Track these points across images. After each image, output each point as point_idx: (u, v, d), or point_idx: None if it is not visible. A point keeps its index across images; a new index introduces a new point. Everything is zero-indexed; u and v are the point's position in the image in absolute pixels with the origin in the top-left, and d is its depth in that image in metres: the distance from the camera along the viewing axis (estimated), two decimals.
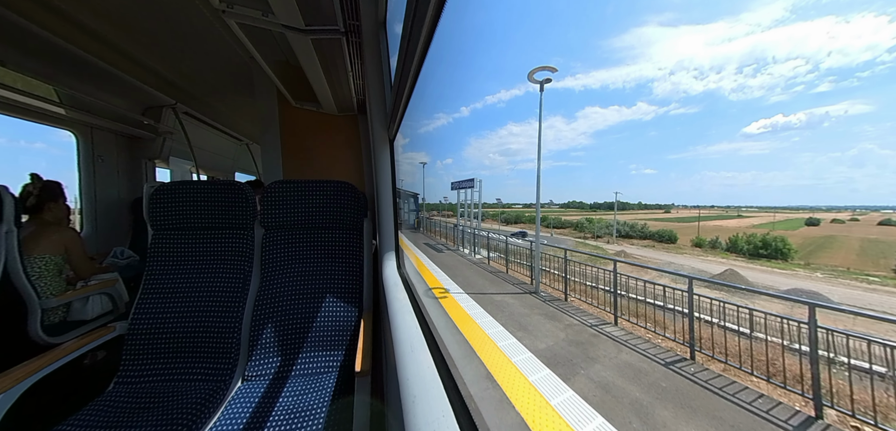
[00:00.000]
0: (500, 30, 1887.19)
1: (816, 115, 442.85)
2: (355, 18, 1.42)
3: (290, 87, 2.48)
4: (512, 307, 5.40)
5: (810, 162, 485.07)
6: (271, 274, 1.57)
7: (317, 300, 1.52)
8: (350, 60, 1.77)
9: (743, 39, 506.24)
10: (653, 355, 4.01)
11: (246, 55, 2.28)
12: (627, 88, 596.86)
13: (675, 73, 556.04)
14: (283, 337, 1.45)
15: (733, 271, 29.38)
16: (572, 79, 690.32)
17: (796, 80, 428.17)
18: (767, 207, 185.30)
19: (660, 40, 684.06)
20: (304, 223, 1.67)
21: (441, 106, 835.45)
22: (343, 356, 1.43)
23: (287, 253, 1.63)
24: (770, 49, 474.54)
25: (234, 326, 1.44)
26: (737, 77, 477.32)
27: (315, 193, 1.68)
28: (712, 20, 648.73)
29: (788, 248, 41.11)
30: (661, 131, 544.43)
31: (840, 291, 26.75)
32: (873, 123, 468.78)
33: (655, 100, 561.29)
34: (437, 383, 0.57)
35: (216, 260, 1.58)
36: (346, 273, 1.61)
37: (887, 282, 31.80)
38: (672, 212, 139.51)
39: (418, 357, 0.67)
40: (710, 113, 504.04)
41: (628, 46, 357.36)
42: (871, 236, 55.16)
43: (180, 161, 4.05)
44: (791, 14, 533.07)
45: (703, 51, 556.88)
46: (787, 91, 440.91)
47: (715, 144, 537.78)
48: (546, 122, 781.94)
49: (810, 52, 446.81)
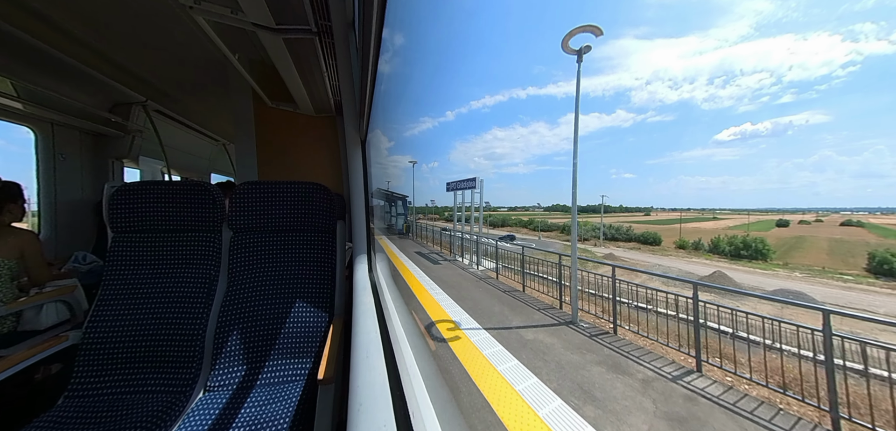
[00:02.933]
0: (486, 37, 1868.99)
1: (781, 123, 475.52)
2: (327, 19, 1.40)
3: (266, 86, 2.43)
4: (553, 353, 3.83)
5: (777, 167, 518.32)
6: (239, 278, 1.52)
7: (285, 305, 1.48)
8: (324, 61, 1.75)
9: (712, 53, 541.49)
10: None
11: (219, 53, 2.22)
12: (607, 95, 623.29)
13: (651, 82, 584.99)
14: (249, 345, 1.41)
15: (721, 272, 30.19)
16: (555, 86, 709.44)
17: (762, 91, 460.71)
18: (739, 209, 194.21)
19: (636, 52, 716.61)
20: (275, 226, 1.63)
21: (426, 109, 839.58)
22: (311, 364, 1.39)
23: (256, 256, 1.58)
24: (737, 62, 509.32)
25: (197, 333, 1.39)
26: (708, 88, 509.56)
27: (286, 194, 1.64)
28: (684, 34, 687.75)
29: (767, 249, 42.89)
30: (640, 137, 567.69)
31: (820, 290, 27.67)
32: (831, 132, 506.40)
33: (633, 108, 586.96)
34: (385, 392, 0.56)
35: (180, 264, 1.52)
36: (317, 277, 1.57)
37: (860, 280, 33.55)
38: (652, 215, 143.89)
39: (372, 364, 0.66)
40: (684, 121, 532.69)
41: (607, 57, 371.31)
42: (836, 237, 58.12)
43: (151, 161, 3.89)
44: (755, 31, 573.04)
45: (677, 63, 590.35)
46: (753, 102, 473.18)
47: (689, 149, 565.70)
48: (528, 127, 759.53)
49: (774, 65, 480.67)
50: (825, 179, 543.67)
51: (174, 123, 3.74)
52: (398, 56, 1.58)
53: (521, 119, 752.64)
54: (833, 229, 71.28)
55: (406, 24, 5.68)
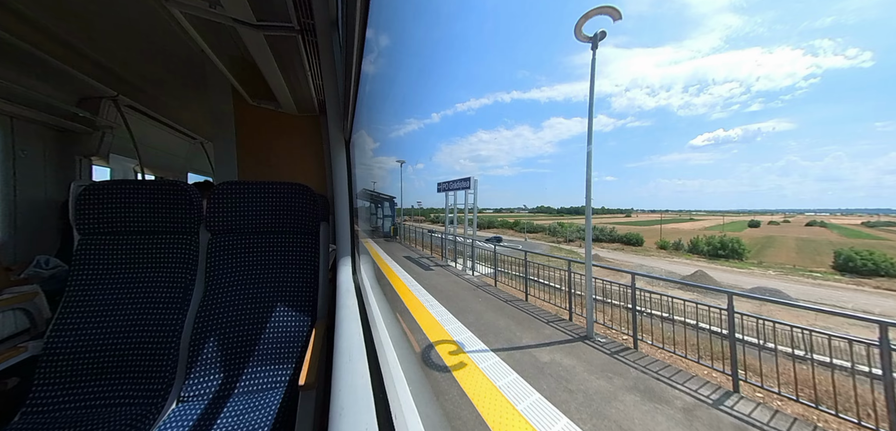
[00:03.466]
0: (470, 41, 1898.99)
1: (751, 130, 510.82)
2: (309, 16, 1.38)
3: (247, 84, 2.36)
4: (577, 378, 3.33)
5: (747, 171, 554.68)
6: (216, 282, 1.47)
7: (266, 309, 1.43)
8: (308, 59, 1.72)
9: (687, 63, 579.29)
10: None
11: (196, 48, 2.14)
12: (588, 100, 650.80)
13: (630, 89, 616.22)
14: (226, 352, 1.35)
15: (702, 272, 31.35)
16: (538, 91, 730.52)
17: (733, 100, 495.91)
18: (714, 211, 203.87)
19: (616, 60, 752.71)
20: (255, 227, 1.58)
21: (411, 111, 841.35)
22: (292, 370, 1.36)
23: (235, 259, 1.53)
24: (710, 72, 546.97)
25: (170, 341, 1.32)
26: (683, 95, 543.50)
27: (267, 195, 1.60)
28: (660, 45, 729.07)
29: (743, 248, 45.30)
30: (620, 142, 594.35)
31: (794, 287, 28.94)
32: (796, 139, 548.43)
33: (614, 113, 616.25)
34: (367, 395, 0.56)
35: (153, 268, 1.45)
36: (299, 281, 1.53)
37: (828, 277, 35.76)
38: (632, 216, 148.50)
39: (355, 367, 0.65)
40: (661, 127, 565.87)
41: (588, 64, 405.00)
42: (803, 236, 61.82)
43: (122, 159, 3.71)
44: (725, 43, 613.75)
45: (654, 71, 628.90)
46: (725, 109, 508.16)
47: (667, 154, 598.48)
48: (513, 130, 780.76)
49: (743, 76, 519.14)
50: (791, 182, 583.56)
51: (148, 120, 3.58)
52: (383, 57, 1.55)
53: (506, 122, 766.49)
54: (799, 229, 75.89)
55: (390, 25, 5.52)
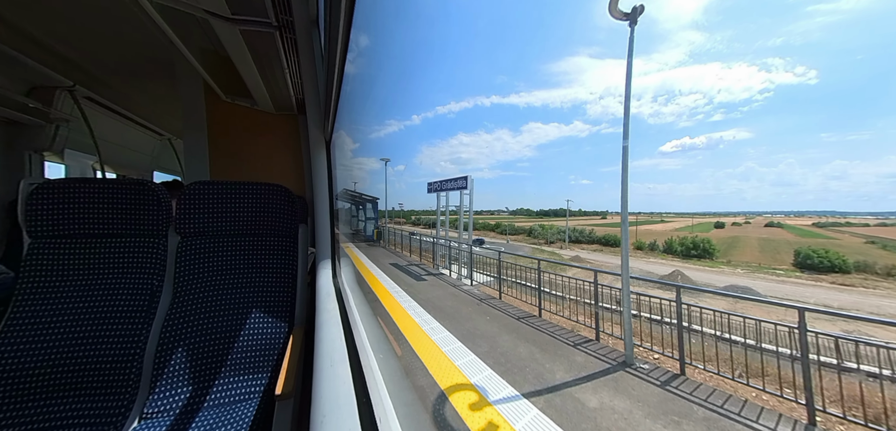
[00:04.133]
0: (451, 46, 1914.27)
1: (714, 138, 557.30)
2: (288, 13, 1.34)
3: (220, 79, 2.26)
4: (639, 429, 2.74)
5: (711, 176, 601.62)
6: (186, 288, 1.40)
7: (240, 316, 1.38)
8: (286, 57, 1.67)
9: (655, 74, 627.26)
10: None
11: (165, 40, 2.03)
12: (565, 107, 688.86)
13: (603, 97, 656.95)
14: (196, 362, 1.28)
15: (680, 272, 32.82)
16: (516, 96, 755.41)
17: (697, 110, 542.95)
18: (683, 212, 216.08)
19: (590, 69, 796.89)
20: (230, 230, 1.52)
21: (392, 112, 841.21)
22: (267, 379, 1.31)
23: (207, 264, 1.46)
24: (676, 84, 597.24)
25: (133, 353, 1.24)
26: (653, 105, 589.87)
27: (243, 195, 1.53)
28: None
29: (713, 248, 48.39)
30: (595, 147, 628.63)
31: (761, 285, 30.67)
32: (753, 147, 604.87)
33: (589, 119, 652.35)
34: (350, 400, 0.55)
35: (115, 274, 1.35)
36: (276, 285, 1.48)
37: (791, 274, 38.78)
38: (607, 218, 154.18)
39: (337, 372, 0.64)
40: (633, 133, 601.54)
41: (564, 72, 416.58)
42: (763, 236, 66.80)
43: (80, 155, 3.46)
44: (689, 58, 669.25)
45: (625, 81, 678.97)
46: (691, 119, 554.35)
47: (639, 159, 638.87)
48: (493, 134, 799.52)
49: (706, 88, 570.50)
50: (750, 186, 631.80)
51: (110, 114, 3.35)
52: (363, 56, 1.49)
53: (486, 125, 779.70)
54: (759, 230, 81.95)
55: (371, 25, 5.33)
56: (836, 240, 59.07)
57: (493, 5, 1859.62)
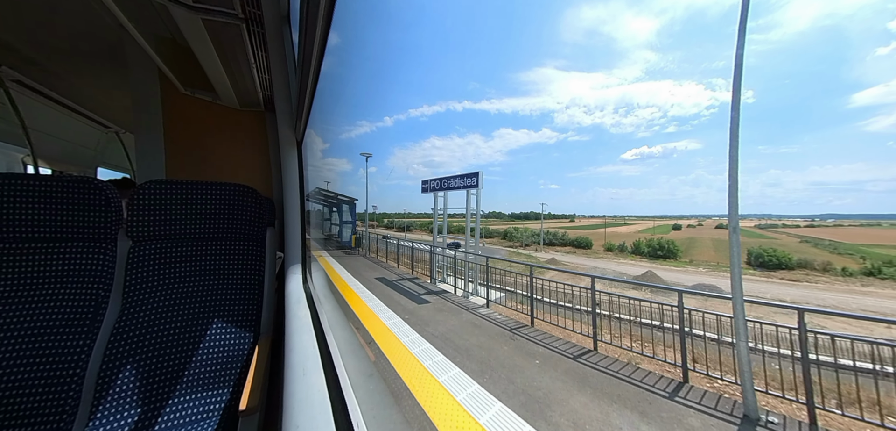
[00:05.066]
0: (424, 50, 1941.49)
1: (668, 148, 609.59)
2: (256, 7, 1.28)
3: (178, 69, 2.10)
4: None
5: (667, 182, 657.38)
6: (138, 298, 1.28)
7: (199, 327, 1.28)
8: (253, 52, 1.59)
9: (616, 88, 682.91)
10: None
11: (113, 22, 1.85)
12: (534, 115, 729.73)
13: (570, 107, 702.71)
14: (147, 380, 1.17)
15: (652, 272, 34.66)
16: (488, 103, 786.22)
17: (654, 122, 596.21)
18: (643, 215, 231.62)
19: (557, 80, 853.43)
20: (189, 233, 1.41)
21: (364, 113, 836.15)
22: (229, 394, 1.22)
23: (163, 271, 1.34)
24: (635, 97, 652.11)
25: (71, 374, 1.10)
26: (614, 116, 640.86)
27: (205, 196, 1.44)
28: (593, 70, 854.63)
29: (677, 249, 52.40)
30: (563, 154, 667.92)
31: (724, 282, 32.79)
32: (703, 157, 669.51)
33: (556, 127, 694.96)
34: (325, 408, 0.53)
35: (50, 284, 1.21)
36: (241, 293, 1.40)
37: (746, 272, 42.61)
38: (576, 220, 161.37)
39: (310, 381, 0.62)
40: (597, 141, 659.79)
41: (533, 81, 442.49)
42: (715, 237, 74.07)
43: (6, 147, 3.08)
44: (645, 74, 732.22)
45: (590, 93, 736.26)
46: (648, 130, 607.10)
47: (603, 166, 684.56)
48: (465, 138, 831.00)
49: (661, 103, 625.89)
50: (700, 191, 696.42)
51: (45, 101, 3.01)
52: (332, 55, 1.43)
53: (458, 130, 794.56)
54: (711, 231, 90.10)
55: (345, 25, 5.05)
56: (776, 240, 66.14)
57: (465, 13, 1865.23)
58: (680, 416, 2.97)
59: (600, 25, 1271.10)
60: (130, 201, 1.37)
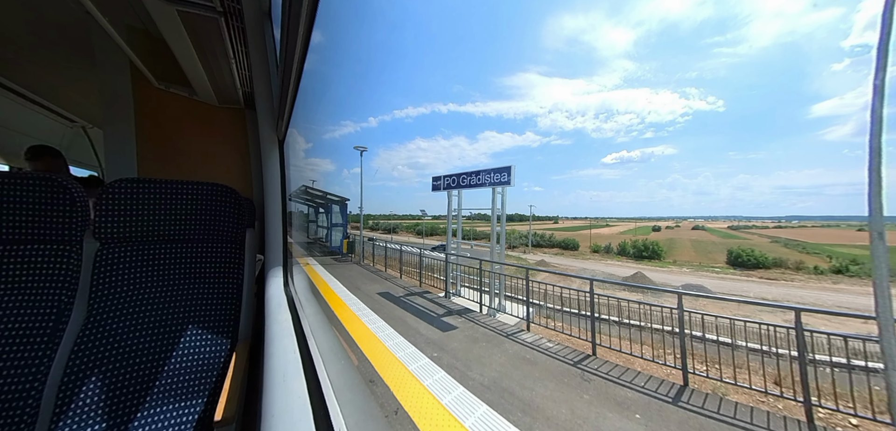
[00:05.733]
0: (409, 51, 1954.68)
1: (646, 152, 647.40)
2: (236, 1, 1.24)
3: (151, 62, 2.01)
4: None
5: (645, 185, 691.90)
6: (105, 305, 1.20)
7: (172, 334, 1.22)
8: (232, 47, 1.53)
9: (596, 94, 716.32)
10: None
11: (79, 9, 1.75)
12: (518, 119, 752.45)
13: (552, 112, 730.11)
14: (114, 391, 1.10)
15: (641, 273, 35.08)
16: (473, 106, 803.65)
17: (632, 128, 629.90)
18: (624, 217, 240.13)
19: (540, 85, 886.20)
20: (162, 235, 1.35)
21: (348, 113, 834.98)
22: (203, 404, 1.17)
23: (133, 275, 1.28)
24: (614, 104, 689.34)
25: (28, 387, 1.02)
26: (595, 121, 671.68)
27: (180, 196, 1.38)
28: (575, 77, 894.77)
29: (661, 249, 54.14)
30: (546, 157, 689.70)
31: (710, 282, 33.22)
32: (678, 161, 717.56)
33: (540, 131, 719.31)
34: (306, 415, 0.52)
35: (4, 291, 1.12)
36: (218, 297, 1.35)
37: (726, 271, 44.12)
38: (559, 222, 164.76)
39: (290, 387, 0.60)
40: (579, 145, 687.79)
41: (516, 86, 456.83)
42: (693, 238, 77.01)
43: None
44: (624, 82, 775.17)
45: (571, 98, 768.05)
46: (627, 135, 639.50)
47: (584, 169, 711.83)
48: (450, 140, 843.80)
49: (639, 109, 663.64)
50: (676, 195, 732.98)
51: (3, 91, 2.81)
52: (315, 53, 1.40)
53: (443, 132, 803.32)
54: (688, 232, 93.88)
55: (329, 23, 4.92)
56: (748, 240, 69.46)
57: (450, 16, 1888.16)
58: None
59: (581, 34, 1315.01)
60: (98, 201, 1.29)
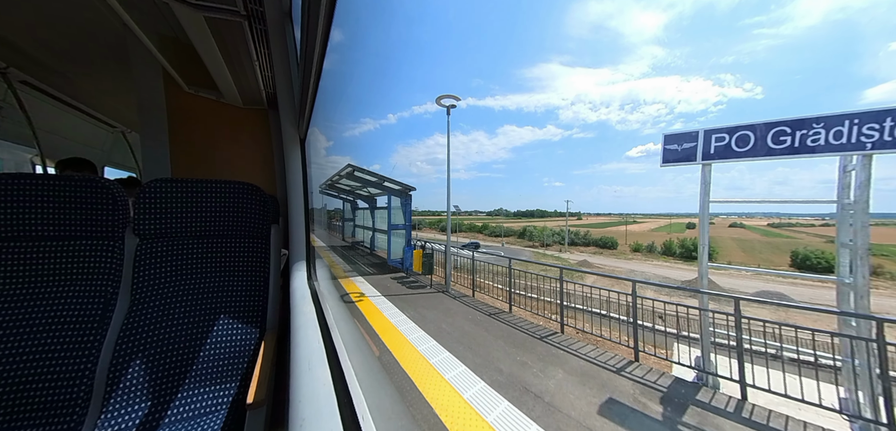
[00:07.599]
0: (427, 46, 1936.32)
1: None
2: (258, 4, 1.28)
3: (181, 68, 2.12)
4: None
5: (672, 179, 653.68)
6: (146, 294, 1.30)
7: (206, 323, 1.30)
8: (255, 49, 1.59)
9: (622, 84, 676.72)
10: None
11: (117, 22, 1.86)
12: (538, 112, 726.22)
13: (575, 104, 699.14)
14: (156, 374, 1.19)
15: (709, 279, 32.11)
16: (492, 99, 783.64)
17: (660, 118, 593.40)
18: (650, 214, 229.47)
19: (562, 76, 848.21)
20: (195, 231, 1.43)
21: (367, 111, 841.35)
22: (236, 388, 1.24)
23: (170, 267, 1.36)
24: (641, 94, 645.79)
25: (83, 369, 1.13)
26: (620, 112, 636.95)
27: (210, 194, 1.45)
28: (599, 66, 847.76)
29: (715, 249, 47.90)
30: (567, 151, 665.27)
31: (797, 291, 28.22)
32: None
33: (561, 124, 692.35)
34: (331, 401, 0.54)
35: (62, 281, 1.23)
36: (247, 289, 1.41)
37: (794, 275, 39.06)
38: (583, 219, 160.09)
39: (316, 375, 0.62)
40: (602, 138, 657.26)
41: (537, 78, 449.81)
42: (734, 237, 68.65)
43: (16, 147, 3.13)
44: (652, 70, 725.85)
45: (595, 89, 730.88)
46: (654, 126, 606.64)
47: (607, 163, 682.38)
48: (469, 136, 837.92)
49: (667, 99, 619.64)
50: None
51: (52, 102, 3.05)
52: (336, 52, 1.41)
53: (462, 127, 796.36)
54: (726, 230, 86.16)
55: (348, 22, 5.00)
56: (799, 240, 62.24)
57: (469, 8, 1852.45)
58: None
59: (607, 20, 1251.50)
60: (137, 200, 1.39)
